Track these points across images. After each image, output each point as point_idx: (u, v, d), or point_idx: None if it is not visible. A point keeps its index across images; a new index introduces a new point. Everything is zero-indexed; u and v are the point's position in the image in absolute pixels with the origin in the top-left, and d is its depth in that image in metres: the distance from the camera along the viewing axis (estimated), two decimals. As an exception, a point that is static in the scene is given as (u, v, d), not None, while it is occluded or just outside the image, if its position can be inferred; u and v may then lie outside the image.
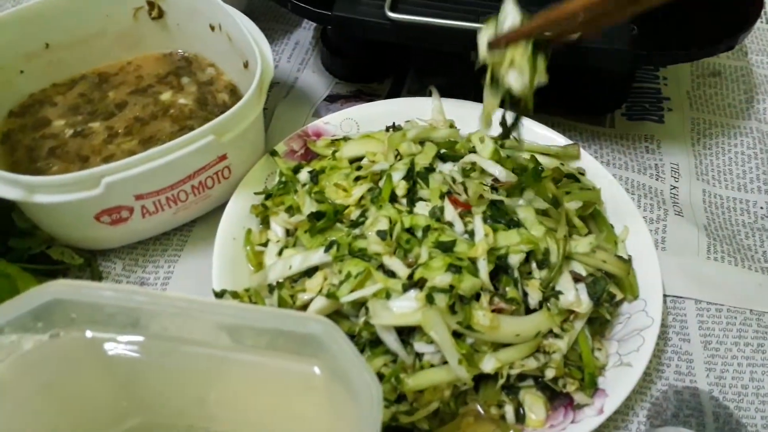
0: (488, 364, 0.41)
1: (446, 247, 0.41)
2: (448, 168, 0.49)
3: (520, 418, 0.42)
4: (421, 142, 0.51)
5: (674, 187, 0.58)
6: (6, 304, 0.28)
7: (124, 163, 0.44)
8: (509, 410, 0.42)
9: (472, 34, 0.41)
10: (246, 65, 0.56)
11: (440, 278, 0.39)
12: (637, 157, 0.60)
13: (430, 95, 0.57)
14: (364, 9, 0.52)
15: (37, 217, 0.48)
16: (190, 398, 0.33)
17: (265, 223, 0.51)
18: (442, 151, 0.50)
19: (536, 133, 0.55)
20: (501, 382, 0.41)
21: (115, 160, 0.47)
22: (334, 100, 0.64)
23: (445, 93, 0.57)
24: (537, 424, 0.41)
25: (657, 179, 0.59)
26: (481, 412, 0.42)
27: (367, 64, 0.66)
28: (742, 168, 0.60)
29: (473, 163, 0.47)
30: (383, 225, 0.43)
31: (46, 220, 0.48)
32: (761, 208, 0.58)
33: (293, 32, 0.72)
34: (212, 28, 0.58)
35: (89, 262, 0.51)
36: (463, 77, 0.49)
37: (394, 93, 0.65)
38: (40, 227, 0.49)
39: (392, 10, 0.51)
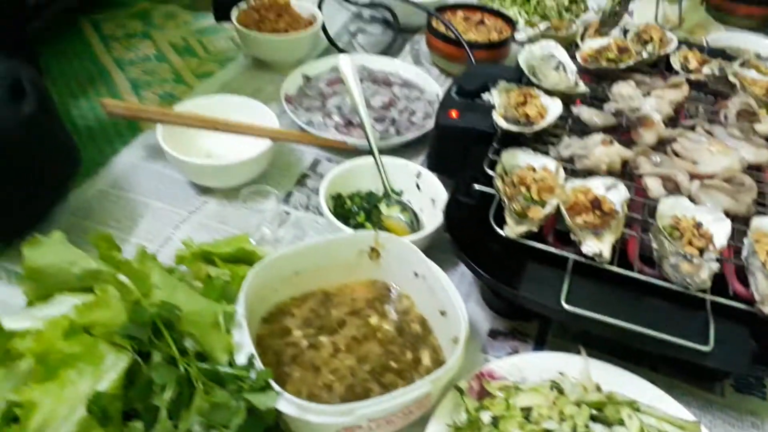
0: None
1: None
2: (599, 429, 0.64)
3: None
4: (578, 404, 0.67)
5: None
6: None
7: (371, 402, 0.62)
8: None
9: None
10: (442, 313, 0.74)
11: None
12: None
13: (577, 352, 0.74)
14: (545, 297, 0.70)
15: (294, 426, 0.66)
16: None
17: (452, 448, 0.67)
18: (593, 412, 0.66)
19: (665, 403, 0.70)
20: None
21: (339, 375, 0.67)
22: (494, 336, 0.81)
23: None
24: None
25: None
26: None
27: (520, 306, 0.84)
28: None
29: (624, 438, 0.63)
30: (557, 484, 0.58)
31: (300, 429, 0.66)
32: None
33: (459, 266, 0.90)
34: (416, 275, 0.78)
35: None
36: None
37: (542, 333, 0.82)
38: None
39: (567, 302, 0.69)
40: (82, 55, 1.28)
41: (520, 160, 0.81)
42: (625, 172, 0.83)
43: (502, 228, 0.74)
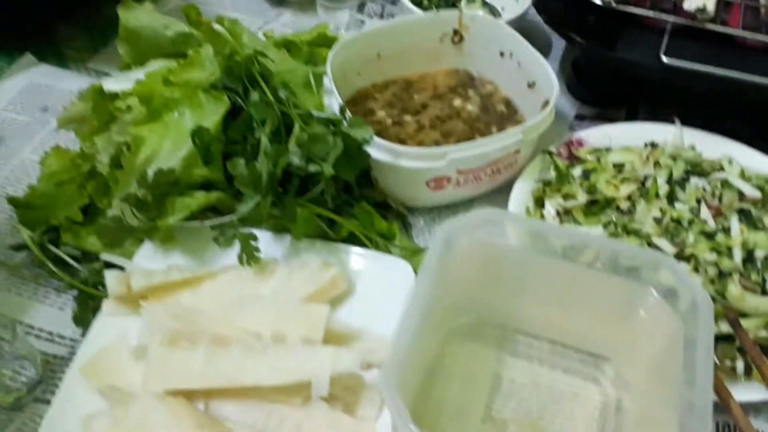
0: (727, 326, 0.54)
1: (709, 236, 0.56)
2: (694, 181, 0.63)
3: (748, 371, 0.55)
4: (673, 158, 0.65)
5: None
6: (460, 217, 0.46)
7: (462, 146, 0.62)
8: (740, 365, 0.55)
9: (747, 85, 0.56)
10: (530, 85, 0.73)
11: (708, 255, 0.54)
12: None
13: (667, 122, 0.72)
14: (642, 55, 0.67)
15: (385, 178, 0.67)
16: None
17: (539, 204, 0.67)
18: (688, 168, 0.64)
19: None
20: (737, 343, 0.55)
21: (425, 147, 0.66)
22: (581, 118, 0.80)
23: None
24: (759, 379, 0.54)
25: None
26: (717, 362, 0.55)
27: (607, 92, 0.81)
28: None
29: (724, 180, 0.61)
30: (657, 213, 0.58)
31: (391, 179, 0.67)
32: None
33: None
34: (502, 54, 0.76)
35: (404, 215, 0.70)
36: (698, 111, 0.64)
37: (629, 119, 0.80)
38: (381, 184, 0.68)
39: (666, 54, 0.66)
40: None
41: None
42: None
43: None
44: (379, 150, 0.63)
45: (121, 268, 0.60)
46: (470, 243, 0.47)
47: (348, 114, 0.63)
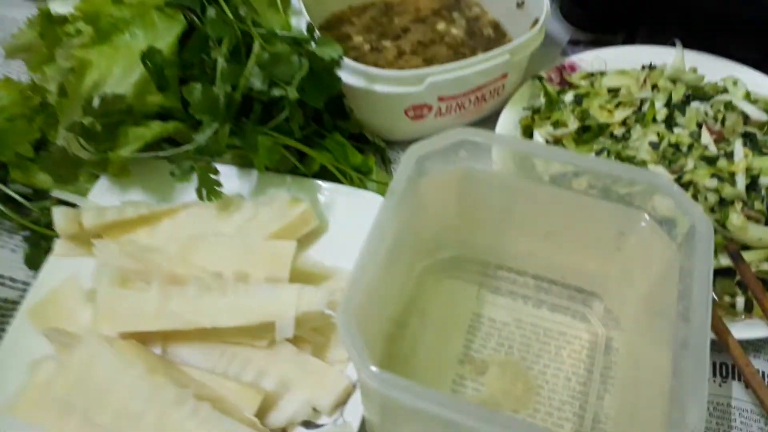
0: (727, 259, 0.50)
1: (710, 161, 0.51)
2: (695, 105, 0.57)
3: (748, 308, 0.51)
4: (673, 81, 0.60)
5: None
6: (436, 137, 0.41)
7: (443, 68, 0.57)
8: (740, 301, 0.51)
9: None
10: (519, 5, 0.67)
11: (709, 181, 0.49)
12: None
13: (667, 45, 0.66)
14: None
15: (360, 106, 0.61)
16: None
17: (527, 134, 0.62)
18: (689, 92, 0.59)
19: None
20: (737, 278, 0.50)
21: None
22: (575, 44, 0.74)
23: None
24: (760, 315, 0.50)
25: None
26: (715, 298, 0.51)
27: (604, 15, 0.75)
28: None
29: (727, 102, 0.55)
30: (654, 138, 0.53)
31: (367, 109, 0.61)
32: None
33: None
34: (488, -28, 0.69)
35: (382, 149, 0.64)
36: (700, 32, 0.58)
37: (629, 41, 0.74)
38: (356, 114, 0.63)
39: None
40: None
41: None
42: None
43: None
44: (351, 74, 0.57)
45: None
46: (447, 167, 0.42)
47: (316, 33, 0.57)
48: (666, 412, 0.34)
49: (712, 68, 0.62)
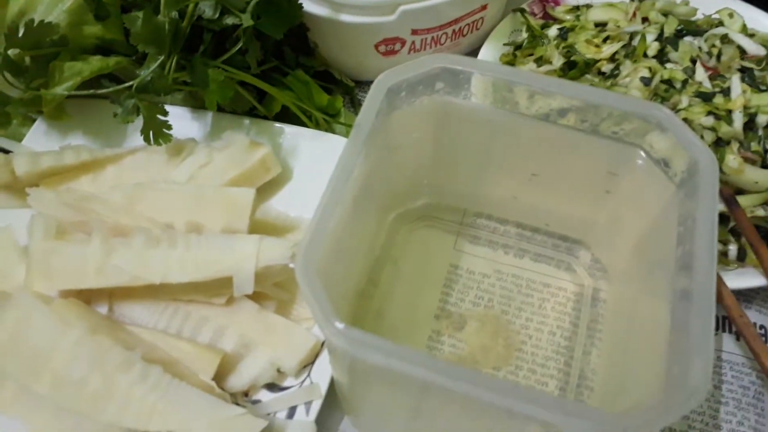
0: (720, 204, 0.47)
1: (706, 97, 0.47)
2: (688, 40, 0.53)
3: (741, 256, 0.48)
4: (664, 14, 0.55)
5: None
6: (406, 64, 0.36)
7: (416, -4, 0.51)
8: (733, 249, 0.48)
9: None
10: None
11: (705, 119, 0.45)
12: None
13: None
14: None
15: (325, 40, 0.56)
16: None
17: (508, 73, 0.57)
18: (681, 27, 0.54)
19: None
20: (731, 224, 0.47)
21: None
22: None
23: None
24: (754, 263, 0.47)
25: None
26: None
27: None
28: None
29: (723, 35, 0.51)
30: (644, 73, 0.48)
31: (333, 43, 0.56)
32: None
33: None
34: None
35: (351, 89, 0.59)
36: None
37: (613, -22, 0.69)
38: (322, 50, 0.57)
39: None
40: None
41: None
42: None
43: None
44: (314, 1, 0.51)
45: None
46: (421, 100, 0.37)
47: (275, -44, 0.51)
48: (663, 370, 0.31)
49: (705, 3, 0.58)
